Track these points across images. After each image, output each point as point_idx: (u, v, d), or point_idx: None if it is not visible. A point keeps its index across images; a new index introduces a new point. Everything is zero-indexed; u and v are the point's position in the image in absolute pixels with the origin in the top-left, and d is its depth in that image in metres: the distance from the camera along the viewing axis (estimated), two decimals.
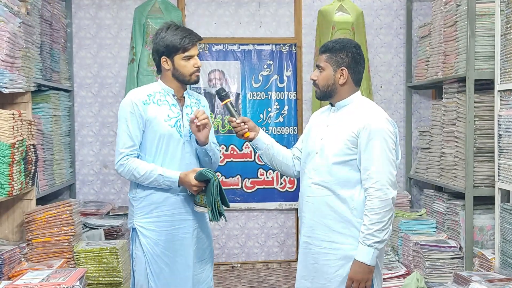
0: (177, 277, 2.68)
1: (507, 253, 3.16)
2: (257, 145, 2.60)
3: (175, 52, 2.62)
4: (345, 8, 4.78)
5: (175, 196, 2.67)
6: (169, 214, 2.68)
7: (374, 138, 2.31)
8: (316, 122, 2.57)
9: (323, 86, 2.44)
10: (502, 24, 3.22)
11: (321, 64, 2.44)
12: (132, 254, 2.75)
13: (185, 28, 2.68)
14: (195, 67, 2.65)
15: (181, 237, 2.69)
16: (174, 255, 2.68)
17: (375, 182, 2.29)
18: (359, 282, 2.31)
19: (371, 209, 2.29)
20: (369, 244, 2.28)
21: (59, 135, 4.19)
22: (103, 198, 4.85)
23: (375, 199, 2.29)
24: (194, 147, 2.72)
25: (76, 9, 4.79)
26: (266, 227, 5.03)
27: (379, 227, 2.27)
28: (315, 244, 2.43)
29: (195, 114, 2.61)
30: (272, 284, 4.53)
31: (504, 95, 3.24)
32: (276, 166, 2.65)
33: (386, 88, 5.04)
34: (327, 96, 2.47)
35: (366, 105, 2.44)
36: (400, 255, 4.06)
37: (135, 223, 2.70)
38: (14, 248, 3.03)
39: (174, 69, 2.66)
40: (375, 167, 2.30)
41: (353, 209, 2.36)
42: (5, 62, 2.88)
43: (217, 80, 4.91)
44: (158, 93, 2.69)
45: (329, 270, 2.39)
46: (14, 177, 2.91)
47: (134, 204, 2.71)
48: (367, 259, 2.29)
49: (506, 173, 3.18)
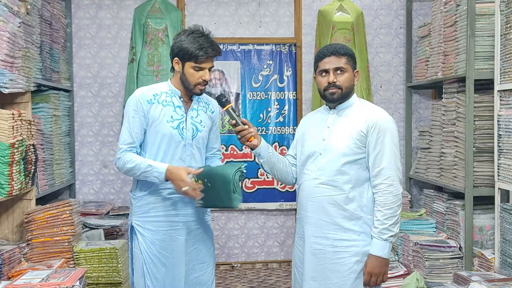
0: (173, 278, 2.68)
1: (507, 253, 3.16)
2: (260, 153, 2.60)
3: (188, 58, 2.61)
4: (345, 8, 4.78)
5: (173, 197, 2.67)
6: (166, 215, 2.68)
7: (384, 135, 2.41)
8: (312, 125, 2.61)
9: (346, 87, 2.50)
10: (502, 24, 3.22)
11: (343, 66, 2.49)
12: (131, 252, 2.76)
13: (208, 39, 2.63)
14: (201, 79, 2.63)
15: (177, 238, 2.69)
16: (171, 255, 2.68)
17: (386, 178, 2.39)
18: (377, 276, 2.40)
19: (384, 204, 2.38)
20: (385, 238, 2.37)
21: (58, 135, 4.19)
22: (103, 198, 4.85)
23: (388, 194, 2.38)
24: (195, 151, 2.72)
25: (76, 9, 4.79)
26: (266, 227, 5.03)
27: (392, 221, 2.38)
28: (324, 244, 2.46)
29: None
30: (272, 284, 4.53)
31: (503, 95, 3.24)
32: (277, 174, 2.65)
33: (386, 88, 5.04)
34: (346, 97, 2.53)
35: (369, 106, 2.55)
36: (399, 255, 4.07)
37: (133, 221, 2.72)
38: (14, 248, 3.03)
39: (183, 73, 2.65)
40: (385, 164, 2.40)
41: (363, 206, 2.44)
42: (5, 62, 2.88)
43: (217, 80, 4.91)
44: (165, 93, 2.70)
45: (342, 268, 2.43)
46: (13, 177, 2.91)
47: (133, 203, 2.73)
48: (383, 253, 2.38)
49: (506, 173, 3.18)
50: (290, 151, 2.72)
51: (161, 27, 4.70)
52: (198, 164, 2.73)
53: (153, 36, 4.68)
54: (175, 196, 2.66)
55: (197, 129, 2.71)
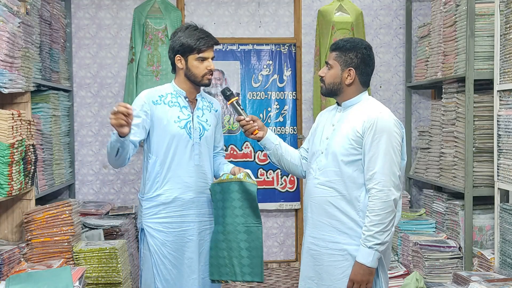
0: (184, 279, 2.68)
1: (507, 253, 3.16)
2: (265, 145, 2.60)
3: (190, 52, 2.64)
4: (344, 8, 4.79)
5: (183, 197, 2.68)
6: (177, 216, 2.68)
7: (379, 138, 2.30)
8: (322, 122, 2.57)
9: (329, 83, 2.45)
10: (502, 24, 3.22)
11: (329, 62, 2.45)
12: (141, 254, 2.76)
13: (203, 30, 2.70)
14: (207, 69, 2.67)
15: (188, 239, 2.69)
16: (182, 257, 2.67)
17: (377, 183, 2.29)
18: (360, 284, 2.31)
19: (372, 210, 2.28)
20: (370, 246, 2.27)
21: (58, 135, 4.19)
22: (103, 198, 4.85)
23: (376, 200, 2.28)
24: (203, 150, 2.73)
25: (76, 9, 4.79)
26: (266, 227, 5.03)
27: (379, 228, 2.26)
28: (321, 245, 2.42)
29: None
30: (272, 284, 4.53)
31: (503, 95, 3.24)
32: (285, 166, 2.65)
33: (386, 88, 5.04)
34: (332, 94, 2.48)
35: (372, 106, 2.43)
36: (399, 255, 4.07)
37: (143, 223, 2.72)
38: (13, 248, 3.02)
39: (187, 69, 2.67)
40: (378, 167, 2.29)
41: (359, 211, 2.35)
42: (4, 62, 2.87)
43: (217, 80, 4.91)
44: (170, 94, 2.71)
45: (335, 271, 2.38)
46: (13, 177, 2.91)
47: (143, 205, 2.73)
48: (367, 261, 2.28)
49: (506, 173, 3.18)
50: (304, 144, 2.69)
51: (161, 27, 4.70)
52: (206, 162, 2.74)
53: (153, 36, 4.68)
54: (185, 195, 2.67)
55: (204, 128, 2.73)
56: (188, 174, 2.68)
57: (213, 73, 2.71)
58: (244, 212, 2.55)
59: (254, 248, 2.55)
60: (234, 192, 2.56)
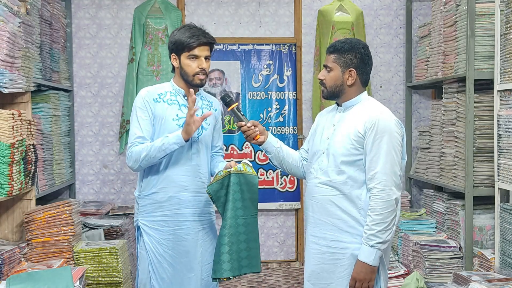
0: (180, 278, 2.67)
1: (507, 253, 3.16)
2: (267, 148, 2.59)
3: (182, 50, 2.63)
4: (344, 8, 4.79)
5: (179, 196, 2.67)
6: (173, 214, 2.67)
7: (380, 138, 2.32)
8: (322, 122, 2.57)
9: (330, 86, 2.45)
10: (502, 24, 3.22)
11: (329, 65, 2.44)
12: (137, 253, 2.76)
13: (198, 29, 2.67)
14: (199, 68, 2.63)
15: (184, 238, 2.68)
16: (179, 256, 2.67)
17: (378, 183, 2.31)
18: (362, 282, 2.33)
19: (373, 209, 2.30)
20: (372, 244, 2.30)
21: (58, 135, 4.19)
22: (103, 198, 4.85)
23: (377, 199, 2.30)
24: (201, 148, 2.73)
25: (76, 9, 4.79)
26: (266, 227, 5.03)
27: (381, 227, 2.29)
28: (322, 244, 2.43)
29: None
30: (272, 284, 4.53)
31: (503, 95, 3.24)
32: (286, 169, 2.65)
33: (386, 88, 5.04)
34: (334, 96, 2.48)
35: (373, 106, 2.44)
36: (399, 255, 4.07)
37: (139, 221, 2.72)
38: (13, 248, 3.03)
39: (181, 67, 2.67)
40: (379, 167, 2.31)
41: (360, 209, 2.37)
42: (5, 62, 2.88)
43: (217, 80, 4.91)
44: (169, 92, 2.71)
45: (337, 269, 2.40)
46: (13, 177, 2.91)
47: (139, 203, 2.73)
48: (369, 259, 2.30)
49: (506, 173, 3.18)
50: (304, 145, 2.69)
51: (161, 27, 4.70)
52: (204, 162, 2.74)
53: (153, 36, 4.68)
54: (181, 194, 2.66)
55: (202, 127, 2.71)
56: (184, 173, 2.67)
57: (206, 73, 2.66)
58: (244, 204, 2.52)
59: (251, 240, 2.53)
60: (235, 185, 2.52)
